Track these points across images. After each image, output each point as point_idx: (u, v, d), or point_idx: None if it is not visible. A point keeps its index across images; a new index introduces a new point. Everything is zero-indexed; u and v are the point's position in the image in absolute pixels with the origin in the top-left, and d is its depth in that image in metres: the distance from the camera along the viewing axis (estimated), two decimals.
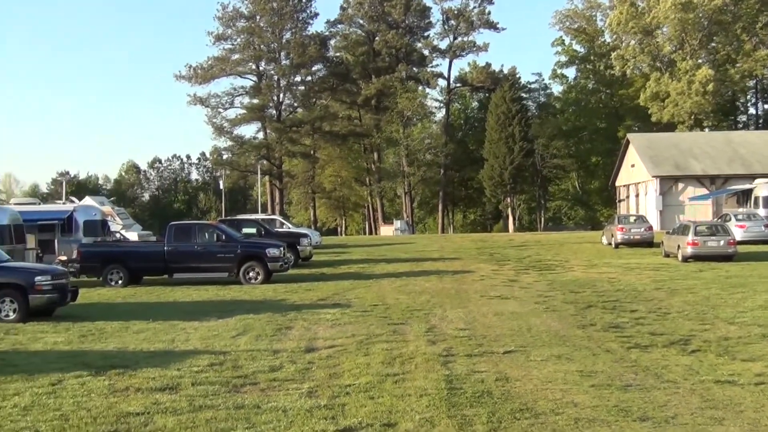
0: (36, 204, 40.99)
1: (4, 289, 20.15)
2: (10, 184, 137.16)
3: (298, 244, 37.16)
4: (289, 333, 17.23)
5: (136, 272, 29.93)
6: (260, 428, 9.41)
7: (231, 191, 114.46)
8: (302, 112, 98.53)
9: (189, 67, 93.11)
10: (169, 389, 11.68)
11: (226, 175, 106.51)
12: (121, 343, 16.33)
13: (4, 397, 11.38)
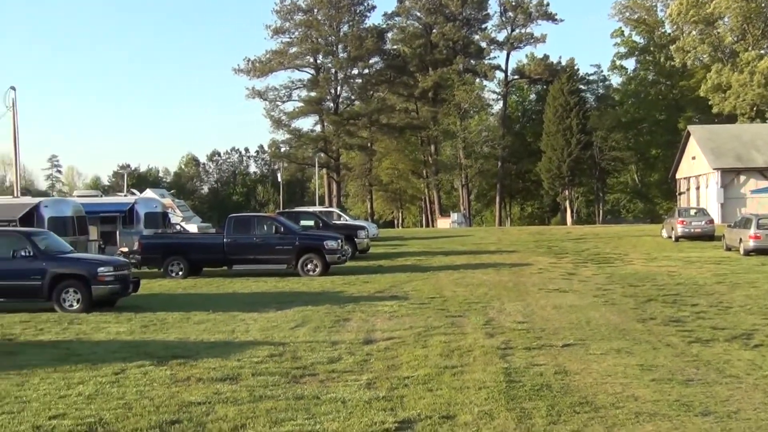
0: (98, 196, 41.56)
1: (67, 280, 20.52)
2: (72, 177, 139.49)
3: (355, 237, 37.25)
4: (347, 325, 17.31)
5: (196, 264, 30.28)
6: (320, 419, 9.46)
7: (289, 184, 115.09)
8: (359, 105, 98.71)
9: (247, 61, 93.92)
10: (229, 379, 11.80)
11: (283, 168, 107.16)
12: (182, 334, 16.53)
13: (69, 386, 11.58)
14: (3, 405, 10.48)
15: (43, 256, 20.71)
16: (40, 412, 10.10)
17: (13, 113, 41.42)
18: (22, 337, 16.58)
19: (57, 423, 9.51)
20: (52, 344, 15.61)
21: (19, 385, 11.74)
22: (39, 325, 18.13)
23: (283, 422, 9.36)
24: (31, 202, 29.69)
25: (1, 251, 20.72)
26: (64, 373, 12.47)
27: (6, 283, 20.52)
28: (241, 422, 9.40)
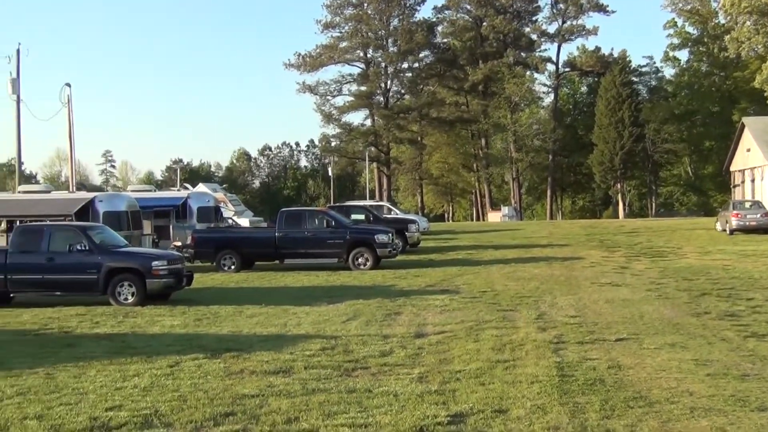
0: (151, 191, 41.98)
1: (122, 274, 20.79)
2: (126, 172, 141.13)
3: (406, 230, 37.26)
4: (398, 318, 17.33)
5: (248, 257, 30.52)
6: (372, 412, 9.49)
7: (339, 178, 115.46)
8: (409, 99, 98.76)
9: (298, 56, 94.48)
10: (282, 372, 11.87)
11: (334, 162, 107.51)
12: (234, 327, 16.67)
13: (125, 378, 11.73)
14: (61, 396, 10.65)
15: (98, 251, 21.00)
16: (97, 403, 10.25)
17: (68, 109, 42.07)
18: (79, 330, 16.83)
19: (113, 414, 9.64)
20: (107, 337, 15.83)
21: (76, 376, 11.92)
22: (95, 318, 18.40)
23: (335, 415, 9.40)
24: (87, 196, 30.09)
25: (58, 245, 21.06)
26: (120, 366, 12.64)
27: (63, 276, 20.86)
28: (294, 415, 9.46)
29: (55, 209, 28.01)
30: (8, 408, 10.09)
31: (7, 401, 10.46)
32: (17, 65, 43.74)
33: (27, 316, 18.96)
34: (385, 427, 8.87)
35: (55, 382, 11.59)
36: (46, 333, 16.60)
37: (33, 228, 22.80)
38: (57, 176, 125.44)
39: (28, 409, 9.98)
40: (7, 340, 15.78)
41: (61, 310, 19.71)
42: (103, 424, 9.24)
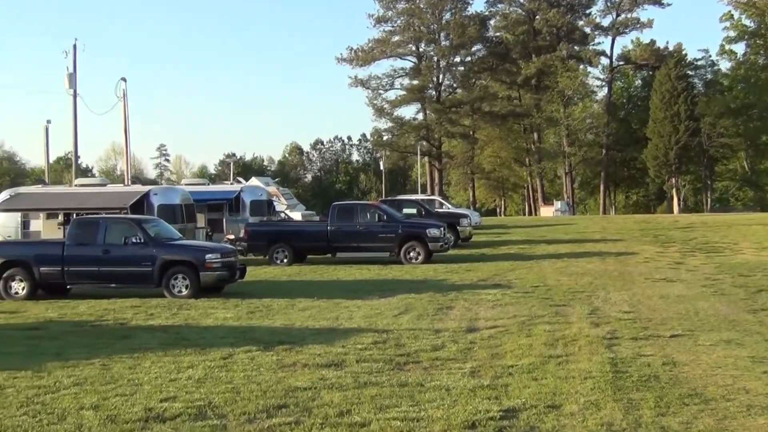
0: (205, 184, 42.37)
1: (176, 266, 21.00)
2: (180, 166, 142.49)
3: (458, 225, 37.20)
4: (450, 313, 17.30)
5: (301, 251, 30.66)
6: (424, 406, 9.49)
7: (391, 172, 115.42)
8: (462, 93, 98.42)
9: (350, 50, 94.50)
10: (334, 365, 11.92)
11: (386, 156, 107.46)
12: (287, 320, 16.77)
13: (179, 370, 11.86)
14: (116, 387, 10.79)
15: (153, 243, 21.24)
16: (151, 394, 10.37)
17: (124, 104, 42.50)
18: (134, 322, 17.05)
19: (168, 405, 9.75)
20: (162, 329, 16.02)
21: (131, 368, 12.08)
22: (149, 310, 18.61)
23: (387, 409, 9.41)
24: (141, 190, 30.40)
25: (114, 238, 21.34)
26: (174, 357, 12.77)
27: (118, 269, 21.15)
28: (346, 408, 9.49)
29: (111, 202, 28.35)
30: (65, 398, 10.25)
31: (64, 391, 10.63)
32: (74, 60, 44.32)
33: (83, 308, 19.26)
34: (437, 421, 8.87)
35: (110, 372, 11.76)
36: (102, 324, 16.84)
37: (89, 221, 23.11)
38: (112, 170, 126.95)
39: (84, 399, 10.13)
40: (64, 330, 16.04)
41: (117, 302, 19.97)
42: (158, 415, 9.35)
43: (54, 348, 14.00)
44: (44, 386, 10.93)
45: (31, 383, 11.12)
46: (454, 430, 8.54)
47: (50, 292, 21.95)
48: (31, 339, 15.08)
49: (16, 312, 18.97)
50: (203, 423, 9.00)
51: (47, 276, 21.50)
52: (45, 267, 21.40)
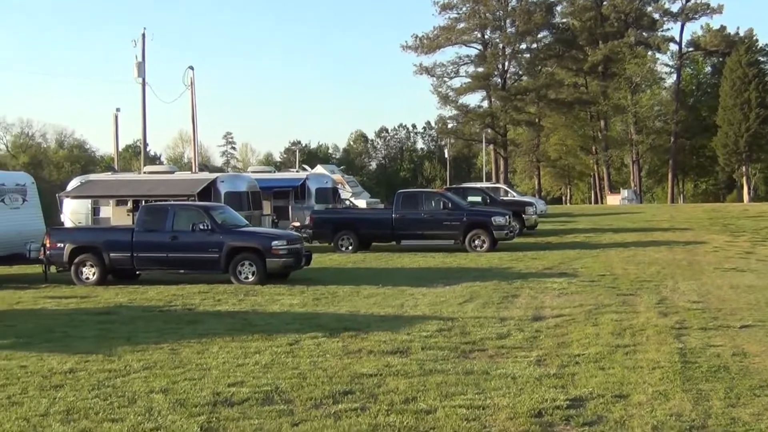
0: (271, 172, 42.68)
1: (243, 253, 21.20)
2: (246, 153, 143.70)
3: (523, 213, 36.96)
4: (515, 301, 17.22)
5: (366, 238, 30.75)
6: (490, 394, 9.46)
7: (455, 160, 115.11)
8: (527, 80, 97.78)
9: (415, 38, 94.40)
10: (399, 353, 11.94)
11: (450, 144, 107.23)
12: (352, 307, 16.84)
13: (246, 355, 11.98)
14: (185, 372, 10.94)
15: (220, 230, 21.47)
16: (219, 379, 10.49)
17: (191, 92, 42.97)
18: (201, 307, 17.26)
19: (236, 390, 9.85)
20: (229, 314, 16.20)
21: (199, 352, 12.23)
22: (217, 296, 18.83)
23: (453, 396, 9.41)
24: (209, 177, 30.78)
25: (182, 225, 21.63)
26: (241, 343, 12.91)
27: (186, 255, 21.42)
28: (411, 395, 9.50)
29: (179, 189, 28.75)
30: (135, 381, 10.42)
31: (134, 375, 10.81)
32: (142, 49, 44.90)
33: (152, 293, 19.56)
34: (503, 409, 8.84)
35: (179, 357, 11.92)
36: (171, 310, 17.08)
37: (158, 207, 23.44)
38: (180, 157, 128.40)
39: (154, 383, 10.29)
40: (134, 315, 16.31)
41: (185, 288, 20.24)
42: (226, 399, 9.46)
43: (124, 332, 14.25)
44: (115, 370, 11.13)
45: (102, 367, 11.33)
46: (520, 418, 8.51)
47: (120, 277, 22.35)
48: (102, 323, 15.36)
49: (87, 297, 19.35)
50: (270, 408, 9.08)
51: (117, 262, 21.88)
52: (115, 253, 21.77)
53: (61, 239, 22.52)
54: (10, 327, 15.16)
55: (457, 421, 8.41)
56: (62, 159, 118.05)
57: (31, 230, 23.93)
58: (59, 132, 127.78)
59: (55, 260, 22.48)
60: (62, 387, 10.23)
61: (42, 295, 19.87)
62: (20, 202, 24.43)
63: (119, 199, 30.70)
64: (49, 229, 23.99)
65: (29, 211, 24.77)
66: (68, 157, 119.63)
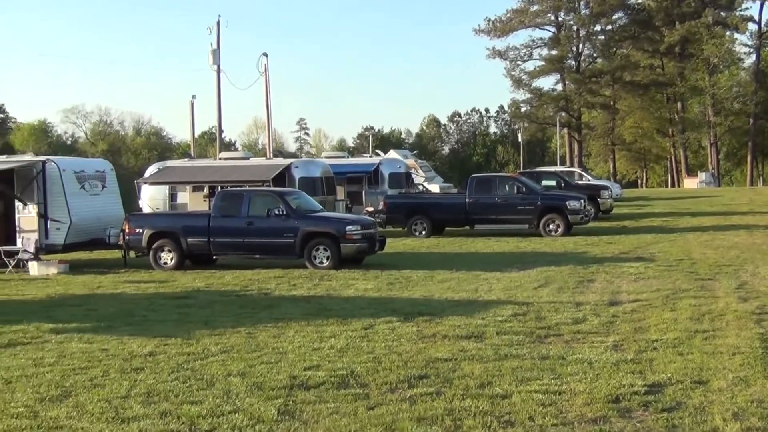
0: (344, 157, 42.87)
1: (318, 238, 21.36)
2: (319, 139, 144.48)
3: (598, 197, 36.62)
4: (591, 286, 17.07)
5: (439, 223, 30.74)
6: (566, 379, 9.40)
7: (529, 144, 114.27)
8: (602, 62, 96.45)
9: (488, 21, 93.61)
10: (474, 337, 11.93)
11: (524, 128, 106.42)
12: (426, 292, 16.86)
13: (322, 339, 12.08)
14: (262, 355, 11.07)
15: (295, 215, 21.65)
16: (295, 362, 10.60)
17: (265, 78, 43.37)
18: (277, 292, 17.45)
19: (312, 374, 9.94)
20: (304, 299, 16.34)
21: (275, 336, 12.37)
22: (292, 280, 19.01)
23: (529, 381, 9.37)
24: (283, 163, 31.00)
25: (257, 210, 21.86)
26: (317, 327, 13.02)
27: (261, 240, 21.66)
28: (486, 380, 9.49)
29: (254, 175, 28.99)
30: (213, 365, 10.58)
31: (212, 358, 10.98)
32: (217, 36, 45.34)
33: (229, 278, 19.82)
34: (580, 395, 8.78)
35: (256, 341, 12.07)
36: (247, 294, 17.30)
37: (234, 193, 23.73)
38: (254, 143, 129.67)
39: (231, 366, 10.44)
40: (211, 300, 16.55)
41: (260, 273, 20.46)
42: (302, 383, 9.55)
43: (202, 316, 14.48)
44: (193, 353, 11.32)
45: (181, 350, 11.52)
46: (598, 403, 8.44)
47: (197, 262, 22.67)
48: (180, 308, 15.62)
49: (165, 281, 19.69)
50: (346, 392, 9.14)
51: (194, 247, 22.20)
52: (192, 238, 22.09)
53: (140, 225, 22.94)
54: (91, 311, 15.51)
55: (533, 406, 8.38)
56: (139, 146, 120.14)
57: (110, 216, 24.41)
58: (136, 119, 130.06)
59: (134, 245, 22.93)
60: (142, 370, 10.44)
61: (122, 280, 20.27)
62: (100, 189, 24.91)
63: (196, 185, 31.11)
64: (128, 215, 24.45)
65: (109, 197, 25.25)
66: (145, 144, 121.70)
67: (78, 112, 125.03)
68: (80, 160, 30.74)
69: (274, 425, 8.03)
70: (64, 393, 9.42)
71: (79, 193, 23.93)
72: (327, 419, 8.16)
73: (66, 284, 19.70)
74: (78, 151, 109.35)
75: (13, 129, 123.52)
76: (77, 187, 23.91)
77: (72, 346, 12.06)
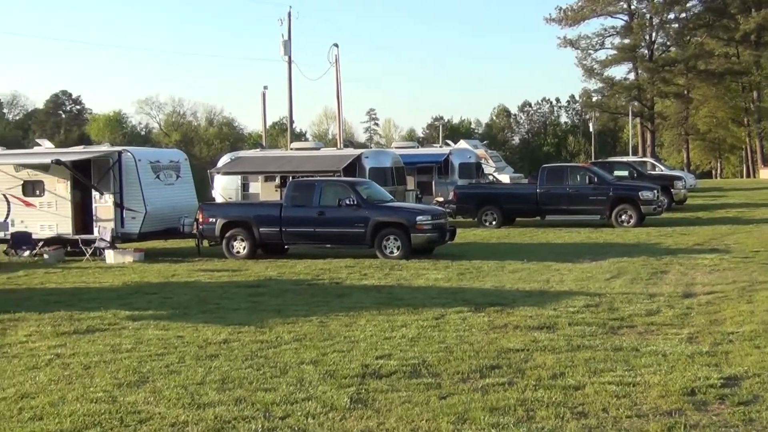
0: (414, 147, 42.88)
1: (388, 228, 21.43)
2: (389, 129, 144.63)
3: (671, 187, 36.15)
4: (664, 277, 16.87)
5: (509, 214, 30.65)
6: (640, 371, 9.31)
7: (600, 133, 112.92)
8: (675, 51, 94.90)
9: (559, 10, 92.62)
10: (546, 328, 11.88)
11: (595, 117, 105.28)
12: (497, 282, 16.83)
13: (393, 328, 12.13)
14: (334, 343, 11.17)
15: (366, 205, 21.75)
16: (367, 351, 10.66)
17: (336, 69, 43.55)
18: (348, 281, 17.56)
19: (384, 363, 9.99)
20: (375, 288, 16.43)
21: (347, 325, 12.46)
22: (363, 270, 19.11)
23: (602, 372, 9.30)
24: (353, 153, 31.12)
25: (328, 200, 22.01)
26: (388, 316, 13.08)
27: (332, 230, 21.81)
28: (559, 371, 9.45)
29: (325, 165, 29.17)
30: (286, 353, 10.69)
31: (285, 346, 11.10)
32: (288, 28, 45.73)
33: (300, 267, 20.00)
34: (654, 387, 8.69)
35: (328, 329, 12.18)
36: (318, 283, 17.44)
37: (305, 183, 23.91)
38: (324, 133, 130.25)
39: (304, 355, 10.55)
40: (283, 289, 16.72)
41: (331, 262, 20.61)
42: (375, 372, 9.61)
43: (274, 305, 14.64)
44: (266, 341, 11.46)
45: (254, 338, 11.67)
46: (672, 396, 8.34)
47: (268, 251, 22.90)
48: (253, 296, 15.81)
49: (238, 270, 19.93)
50: (418, 381, 9.17)
51: (266, 236, 22.43)
52: (264, 227, 22.33)
53: (213, 214, 23.25)
54: (167, 299, 15.78)
55: (606, 398, 8.32)
56: (212, 136, 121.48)
57: (184, 205, 24.78)
58: (209, 110, 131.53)
59: (207, 234, 23.26)
60: (217, 357, 10.60)
61: (195, 268, 20.58)
62: (174, 179, 25.29)
63: (267, 175, 31.40)
64: (202, 205, 24.80)
65: (183, 187, 25.63)
66: (217, 134, 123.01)
67: (152, 103, 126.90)
68: (155, 151, 31.22)
69: (347, 413, 8.09)
70: (141, 379, 9.61)
71: (154, 183, 24.34)
72: (399, 408, 8.20)
73: (141, 272, 20.07)
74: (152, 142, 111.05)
75: (88, 120, 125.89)
76: (152, 177, 24.32)
77: (148, 332, 12.30)
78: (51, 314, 13.98)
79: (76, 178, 24.01)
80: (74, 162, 23.99)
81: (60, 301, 15.50)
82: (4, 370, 10.27)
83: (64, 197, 24.33)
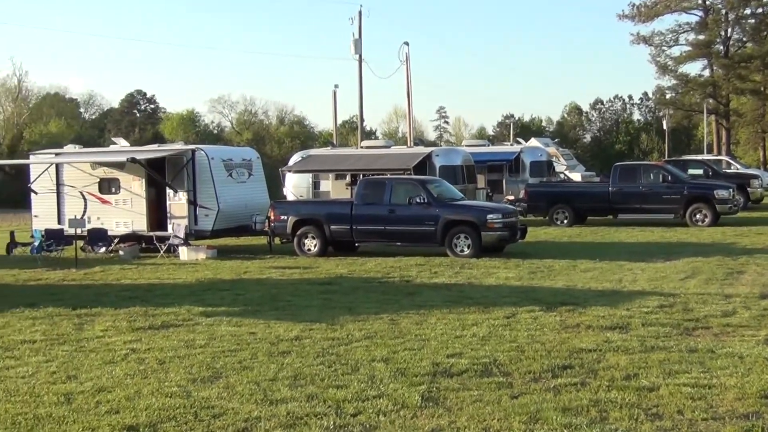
0: (485, 146, 42.72)
1: (459, 226, 21.40)
2: (459, 128, 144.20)
3: (748, 186, 35.58)
4: (740, 278, 16.57)
5: (581, 212, 30.42)
6: (716, 373, 9.16)
7: (674, 131, 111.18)
8: (752, 47, 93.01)
9: (632, 6, 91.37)
10: (619, 328, 11.75)
11: (669, 115, 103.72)
12: (569, 281, 16.70)
13: (464, 327, 12.11)
14: (405, 341, 11.18)
15: (436, 203, 21.74)
16: (438, 350, 10.66)
17: (406, 67, 43.57)
18: (418, 279, 17.56)
19: (455, 361, 9.98)
20: (445, 287, 16.42)
21: (417, 323, 12.47)
22: (433, 268, 19.10)
23: (677, 374, 9.17)
24: (424, 151, 31.12)
25: (399, 198, 22.05)
26: (459, 315, 13.06)
27: (403, 228, 21.84)
28: (633, 371, 9.33)
29: (395, 163, 29.23)
30: (357, 350, 10.74)
31: (356, 344, 11.14)
32: (359, 26, 45.81)
33: (371, 265, 20.07)
34: (731, 389, 8.54)
35: (398, 327, 12.20)
36: (389, 281, 17.48)
37: (376, 181, 23.96)
38: (394, 132, 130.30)
39: (375, 352, 10.58)
40: (354, 286, 16.79)
41: (401, 260, 20.64)
42: (445, 370, 9.60)
43: (345, 302, 14.71)
44: (338, 338, 11.52)
45: (325, 335, 11.74)
46: (750, 399, 8.19)
47: (339, 249, 23.02)
48: (324, 293, 15.91)
49: (309, 267, 20.08)
50: (489, 380, 9.15)
51: (337, 234, 22.56)
52: (335, 225, 22.46)
53: (285, 212, 23.45)
54: (239, 296, 15.96)
55: (681, 400, 8.21)
56: (283, 135, 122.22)
57: (256, 203, 25.04)
58: (280, 109, 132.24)
59: (279, 232, 23.46)
60: (289, 353, 10.68)
61: (267, 266, 20.78)
62: (246, 177, 25.56)
63: (338, 173, 31.55)
64: (273, 203, 25.02)
65: (255, 184, 25.90)
66: (288, 132, 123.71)
67: (224, 102, 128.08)
68: (228, 149, 31.65)
69: (418, 411, 8.10)
70: (214, 374, 9.74)
71: (227, 181, 24.63)
72: (471, 407, 8.18)
73: (214, 269, 20.32)
74: (224, 140, 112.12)
75: (162, 119, 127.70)
76: (225, 175, 24.62)
77: (221, 329, 12.46)
78: (126, 310, 14.25)
79: (151, 176, 24.42)
80: (149, 160, 24.41)
81: (135, 297, 15.80)
82: (81, 364, 10.49)
83: (139, 195, 24.77)
